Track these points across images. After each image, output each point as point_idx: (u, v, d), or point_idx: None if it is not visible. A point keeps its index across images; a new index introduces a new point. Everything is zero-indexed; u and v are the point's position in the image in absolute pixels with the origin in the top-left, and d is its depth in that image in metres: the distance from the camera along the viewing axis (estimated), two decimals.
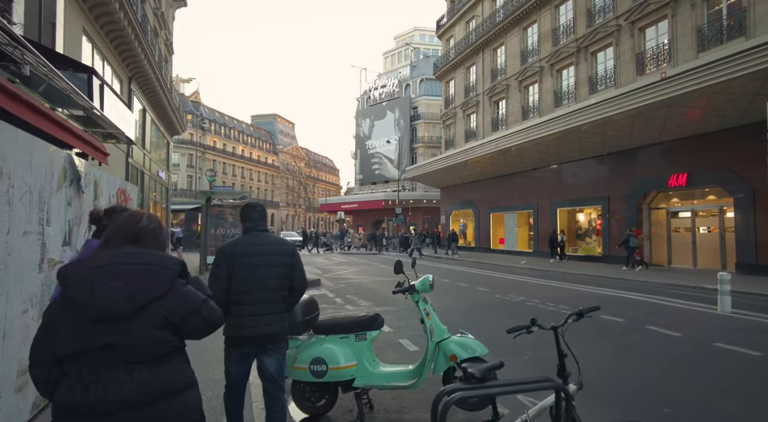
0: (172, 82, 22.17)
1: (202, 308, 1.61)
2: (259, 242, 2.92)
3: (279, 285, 2.88)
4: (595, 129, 17.00)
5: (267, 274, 2.84)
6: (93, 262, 1.54)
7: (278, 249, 2.95)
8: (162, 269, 1.57)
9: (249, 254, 2.84)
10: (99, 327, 1.45)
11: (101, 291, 1.45)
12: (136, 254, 1.57)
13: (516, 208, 25.44)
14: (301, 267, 3.05)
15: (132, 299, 1.47)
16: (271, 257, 2.90)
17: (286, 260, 2.94)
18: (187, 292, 1.61)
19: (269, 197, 78.87)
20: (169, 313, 1.52)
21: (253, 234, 2.97)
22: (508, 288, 10.86)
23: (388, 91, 56.75)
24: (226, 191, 13.88)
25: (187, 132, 62.27)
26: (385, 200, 48.93)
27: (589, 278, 13.80)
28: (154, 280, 1.53)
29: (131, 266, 1.53)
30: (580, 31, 20.75)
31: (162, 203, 22.08)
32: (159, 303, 1.51)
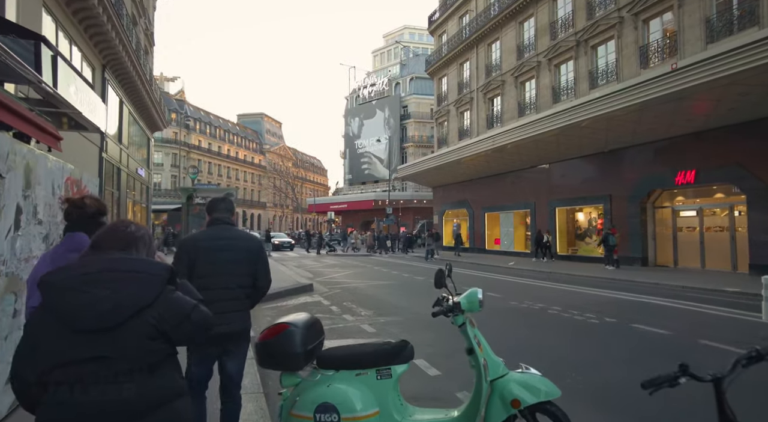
0: (153, 74, 20.96)
1: (192, 314, 1.54)
2: (225, 236, 2.75)
3: (243, 282, 2.74)
4: (598, 125, 16.29)
5: (231, 270, 2.69)
6: (78, 269, 1.48)
7: (244, 245, 2.80)
8: (150, 276, 1.51)
9: (213, 248, 2.67)
10: (85, 337, 1.38)
11: (87, 300, 1.40)
12: (123, 261, 1.52)
13: (512, 207, 24.71)
14: (266, 264, 2.90)
15: (120, 308, 1.40)
16: (236, 252, 2.74)
17: (251, 256, 2.79)
18: (176, 298, 1.54)
19: (256, 198, 77.42)
20: (158, 321, 1.45)
21: (219, 227, 2.79)
22: (521, 293, 10.00)
23: (378, 89, 55.86)
24: (210, 188, 12.90)
25: (171, 131, 60.78)
26: (375, 201, 48.06)
27: (595, 281, 13.05)
28: (143, 287, 1.47)
29: (118, 273, 1.48)
30: (579, 24, 20.07)
31: (142, 202, 20.86)
32: (148, 311, 1.44)
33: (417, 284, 11.72)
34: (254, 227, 72.07)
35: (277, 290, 9.96)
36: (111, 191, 14.26)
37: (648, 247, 17.12)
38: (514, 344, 5.57)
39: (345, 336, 5.99)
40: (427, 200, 47.95)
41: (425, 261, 21.00)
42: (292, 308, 8.40)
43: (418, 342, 5.66)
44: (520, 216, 24.72)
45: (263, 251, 2.93)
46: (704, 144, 14.71)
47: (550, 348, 5.49)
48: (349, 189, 57.65)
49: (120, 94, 15.33)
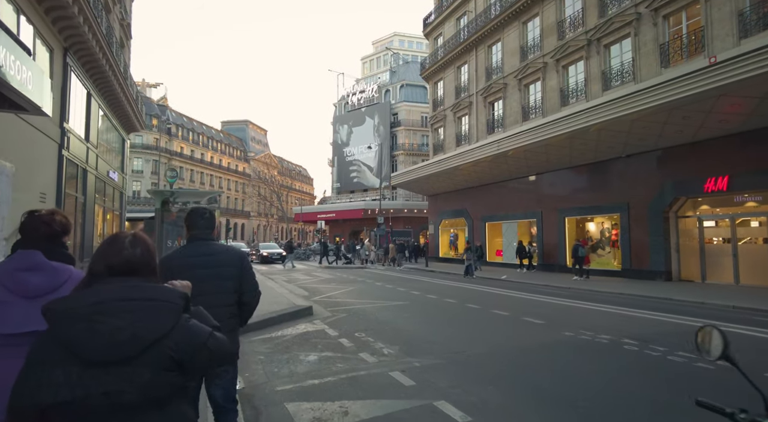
0: (130, 70, 19.08)
1: (208, 342, 1.44)
2: (201, 252, 2.61)
3: (228, 300, 2.59)
4: (618, 127, 15.00)
5: (212, 288, 2.51)
6: (89, 298, 1.37)
7: (225, 259, 2.65)
8: (165, 304, 1.40)
9: (189, 266, 2.53)
10: (96, 371, 1.28)
11: (102, 331, 1.30)
12: (136, 289, 1.41)
13: (516, 217, 23.30)
14: (251, 276, 2.72)
15: (137, 340, 1.31)
16: (216, 268, 2.59)
17: (234, 271, 2.64)
18: (192, 326, 1.43)
19: (239, 207, 75.10)
20: (175, 352, 1.35)
21: (198, 244, 2.65)
22: (557, 318, 8.40)
23: (367, 96, 54.48)
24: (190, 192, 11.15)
25: (152, 137, 58.55)
26: (364, 210, 46.41)
27: (623, 299, 11.57)
28: (159, 317, 1.37)
29: (134, 302, 1.37)
30: (590, 22, 18.90)
31: (114, 209, 18.83)
32: (165, 342, 1.34)
33: (434, 305, 10.03)
34: (237, 236, 69.64)
35: (269, 314, 8.20)
36: (74, 195, 12.32)
37: (671, 260, 15.78)
38: None
39: (376, 394, 4.27)
40: (418, 209, 46.51)
41: (463, 278, 17.68)
42: (291, 341, 6.65)
43: (483, 405, 3.96)
44: (524, 226, 23.31)
45: (247, 263, 2.74)
46: (739, 147, 13.48)
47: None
48: (337, 198, 55.89)
49: (88, 86, 13.45)
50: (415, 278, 18.30)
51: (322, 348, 6.18)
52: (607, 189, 18.10)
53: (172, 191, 10.82)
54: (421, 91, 54.06)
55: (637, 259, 16.68)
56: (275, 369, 5.22)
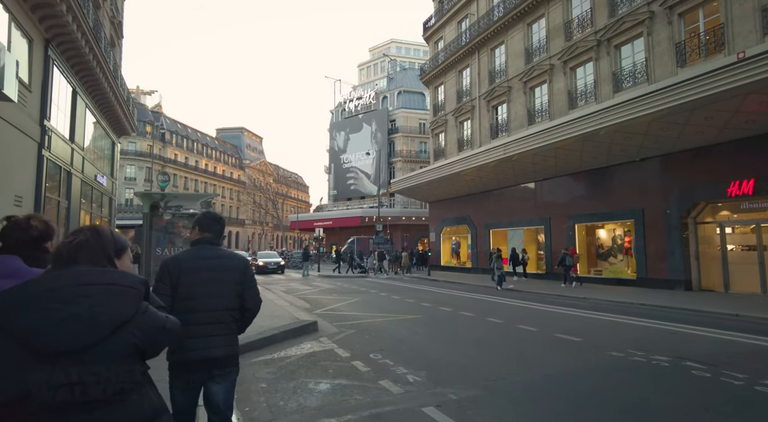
0: (121, 70, 18.22)
1: (167, 324, 1.44)
2: (210, 255, 2.62)
3: (230, 304, 2.58)
4: (634, 129, 14.31)
5: (217, 292, 2.54)
6: (41, 285, 1.30)
7: (230, 264, 2.65)
8: (126, 289, 1.36)
9: (198, 269, 2.53)
10: (53, 362, 1.21)
11: (56, 319, 1.23)
12: (92, 274, 1.36)
13: (522, 223, 22.51)
14: (254, 284, 2.72)
15: (97, 327, 1.26)
16: (222, 272, 2.59)
17: (238, 276, 2.63)
18: (152, 312, 1.41)
19: (234, 214, 73.94)
20: (140, 340, 1.33)
21: (204, 247, 2.66)
22: (593, 334, 7.53)
23: (365, 103, 53.85)
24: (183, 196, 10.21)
25: (146, 143, 57.53)
26: (362, 217, 45.61)
27: (650, 310, 10.75)
28: (120, 302, 1.33)
29: (90, 287, 1.32)
30: (600, 22, 18.29)
31: (103, 215, 17.86)
32: (127, 329, 1.31)
33: (451, 320, 9.08)
34: (232, 245, 68.45)
35: (271, 331, 7.29)
36: (55, 199, 11.37)
37: (691, 268, 15.00)
38: None
39: None
40: (416, 216, 45.75)
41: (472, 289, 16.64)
42: (297, 364, 5.74)
43: None
44: (531, 233, 22.51)
45: (250, 271, 2.72)
46: (766, 149, 12.76)
47: None
48: (334, 205, 54.99)
49: (73, 83, 12.57)
50: (419, 287, 17.40)
51: (335, 373, 5.27)
52: (619, 194, 17.36)
53: (163, 194, 9.91)
54: (418, 98, 53.54)
55: (654, 267, 15.90)
56: (281, 402, 4.32)
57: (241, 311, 2.64)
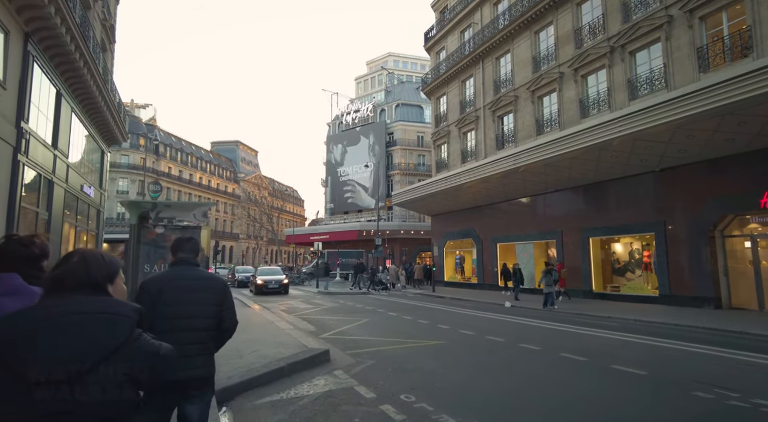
0: (111, 74, 17.28)
1: (161, 350, 1.44)
2: (189, 276, 2.66)
3: (207, 325, 2.61)
4: (658, 137, 13.50)
5: (195, 312, 2.57)
6: (32, 314, 1.31)
7: (208, 285, 2.68)
8: (118, 317, 1.35)
9: (177, 289, 2.57)
10: (42, 391, 1.21)
11: (46, 348, 1.24)
12: (84, 302, 1.36)
13: (532, 237, 21.55)
14: (231, 305, 2.76)
15: (85, 356, 1.26)
16: (200, 293, 2.62)
17: (216, 297, 2.66)
18: (145, 339, 1.40)
19: (228, 228, 72.59)
20: (131, 368, 1.31)
21: (182, 268, 2.70)
22: (655, 365, 6.48)
23: (362, 116, 53.24)
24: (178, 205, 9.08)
25: (139, 156, 56.43)
26: (360, 231, 44.58)
27: (687, 333, 9.77)
28: (110, 330, 1.32)
29: (81, 316, 1.32)
30: (613, 28, 17.65)
31: (90, 229, 16.71)
32: (118, 357, 1.29)
33: (482, 347, 7.83)
34: (226, 259, 66.98)
35: (276, 363, 6.21)
36: (33, 210, 10.28)
37: (720, 285, 14.07)
38: None
39: None
40: (414, 230, 44.80)
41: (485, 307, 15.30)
42: (312, 409, 4.65)
43: None
44: (541, 247, 21.56)
45: (228, 292, 2.77)
46: None
47: None
48: (331, 219, 53.91)
49: (58, 84, 11.57)
50: (428, 305, 16.30)
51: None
52: (638, 206, 16.50)
53: (154, 203, 8.85)
54: (416, 111, 53.04)
55: (678, 284, 14.95)
56: None
57: (218, 331, 2.66)
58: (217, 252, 27.07)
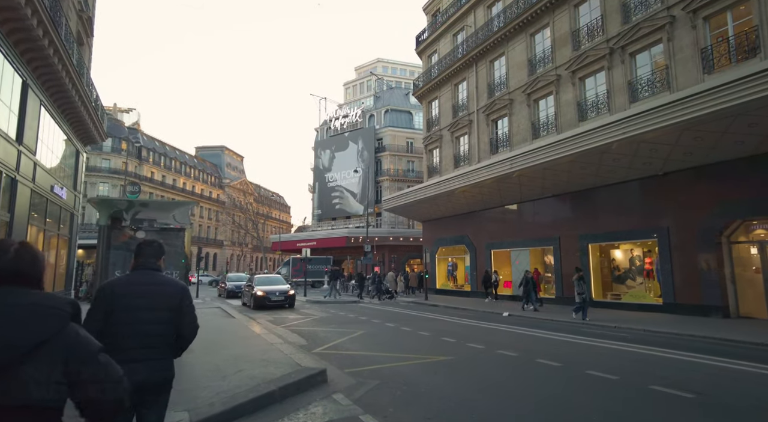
0: (89, 70, 16.26)
1: (99, 356, 1.39)
2: (146, 281, 2.61)
3: (162, 330, 2.54)
4: (664, 139, 13.01)
5: (149, 318, 2.51)
6: None
7: (165, 290, 2.61)
8: (49, 309, 1.35)
9: (130, 295, 2.53)
10: None
11: None
12: (14, 294, 1.36)
13: (528, 243, 20.93)
14: (190, 311, 2.67)
15: (11, 347, 1.25)
16: (154, 298, 2.56)
17: (173, 302, 2.60)
18: (83, 336, 1.39)
19: (212, 235, 70.95)
20: (60, 361, 1.29)
21: (142, 272, 2.66)
22: (705, 386, 5.74)
23: (351, 121, 52.55)
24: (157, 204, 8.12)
25: (120, 161, 54.78)
26: (348, 237, 43.68)
27: (703, 344, 9.14)
28: (40, 322, 1.32)
29: (10, 307, 1.33)
30: (612, 29, 17.25)
31: (63, 233, 15.57)
32: (47, 349, 1.28)
33: (496, 364, 6.93)
34: (209, 267, 65.29)
35: (265, 384, 5.34)
36: None
37: (728, 293, 13.55)
38: None
39: None
40: (404, 237, 44.06)
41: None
42: None
43: None
44: (537, 254, 20.95)
45: (187, 298, 2.67)
46: None
47: None
48: (318, 225, 52.89)
49: (24, 74, 10.57)
50: (424, 315, 15.48)
51: None
52: (639, 211, 15.99)
53: (129, 202, 7.91)
54: (406, 117, 52.54)
55: (683, 292, 14.41)
56: None
57: (176, 337, 2.62)
58: (200, 259, 25.81)
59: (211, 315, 13.80)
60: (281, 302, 17.75)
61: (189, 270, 7.41)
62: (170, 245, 7.59)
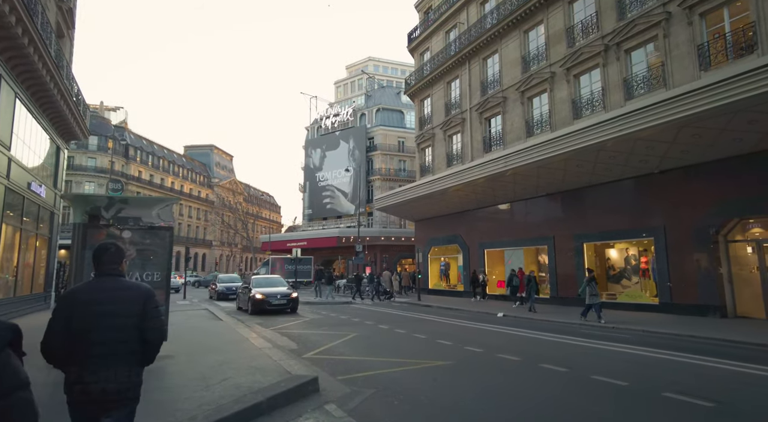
0: (70, 64, 15.66)
1: (19, 391, 1.33)
2: (108, 287, 2.54)
3: (125, 337, 2.47)
4: (662, 136, 12.80)
5: (111, 324, 2.45)
6: None
7: (127, 295, 2.54)
8: None
9: (91, 302, 2.46)
10: None
11: None
12: None
13: (522, 243, 20.69)
14: (156, 316, 2.58)
15: None
16: (117, 304, 2.50)
17: (135, 308, 2.52)
18: (14, 363, 1.36)
19: (201, 235, 70.00)
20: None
21: (102, 279, 2.59)
22: (731, 398, 5.46)
23: (342, 120, 52.06)
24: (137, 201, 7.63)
25: (107, 159, 53.70)
26: (339, 237, 43.20)
27: (700, 344, 8.91)
28: None
29: None
30: (608, 26, 17.04)
31: (42, 233, 14.95)
32: None
33: (500, 370, 6.46)
34: (198, 267, 64.39)
35: (252, 394, 4.93)
36: None
37: (725, 293, 13.38)
38: None
39: None
40: (395, 236, 43.72)
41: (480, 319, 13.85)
42: None
43: None
44: (531, 254, 20.71)
45: (151, 302, 2.58)
46: None
47: None
48: (309, 225, 52.33)
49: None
50: (417, 316, 15.13)
51: None
52: (635, 210, 15.80)
53: (109, 198, 7.43)
54: (397, 116, 52.19)
55: (680, 291, 14.23)
56: None
57: (141, 344, 2.53)
58: (188, 259, 25.20)
59: (197, 318, 13.31)
60: (283, 307, 16.05)
61: (170, 271, 6.95)
62: (156, 244, 7.14)
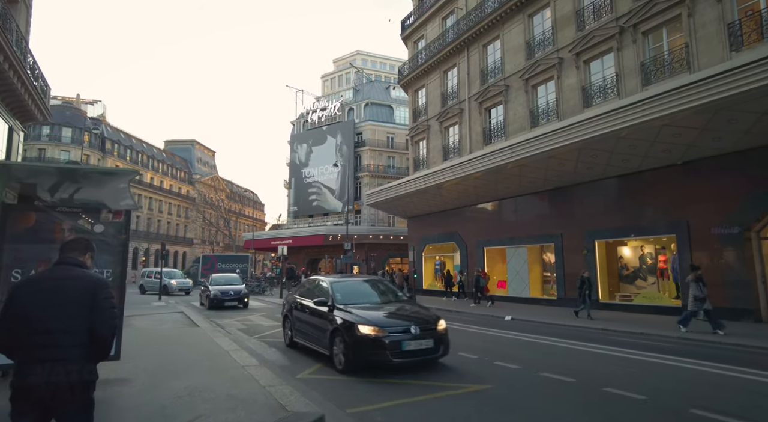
0: (24, 34, 13.76)
1: None
2: (57, 276, 2.43)
3: (71, 327, 2.31)
4: (691, 122, 11.55)
5: (56, 315, 2.30)
6: None
7: (76, 284, 2.40)
8: None
9: (35, 291, 2.36)
10: None
11: None
12: None
13: (526, 241, 19.34)
14: (107, 307, 2.40)
15: None
16: (63, 293, 2.36)
17: (82, 299, 2.36)
18: None
19: (181, 233, 67.45)
20: None
21: (57, 268, 2.50)
22: None
23: (329, 114, 50.32)
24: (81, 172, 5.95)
25: (83, 153, 50.90)
26: (325, 235, 41.43)
27: (748, 354, 7.63)
28: None
29: None
30: (623, 7, 15.78)
31: None
32: None
33: (551, 393, 5.03)
34: (179, 265, 61.85)
35: None
36: None
37: (759, 295, 12.20)
38: None
39: None
40: (384, 234, 42.22)
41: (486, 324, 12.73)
42: None
43: None
44: (535, 252, 19.38)
45: (102, 293, 2.42)
46: None
47: None
48: (294, 222, 50.44)
49: None
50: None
51: None
52: (654, 205, 14.58)
53: (42, 167, 5.74)
54: (386, 111, 50.67)
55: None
56: None
57: (89, 336, 2.34)
58: (163, 256, 23.29)
59: (170, 323, 11.59)
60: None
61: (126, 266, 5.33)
62: (106, 233, 5.53)
